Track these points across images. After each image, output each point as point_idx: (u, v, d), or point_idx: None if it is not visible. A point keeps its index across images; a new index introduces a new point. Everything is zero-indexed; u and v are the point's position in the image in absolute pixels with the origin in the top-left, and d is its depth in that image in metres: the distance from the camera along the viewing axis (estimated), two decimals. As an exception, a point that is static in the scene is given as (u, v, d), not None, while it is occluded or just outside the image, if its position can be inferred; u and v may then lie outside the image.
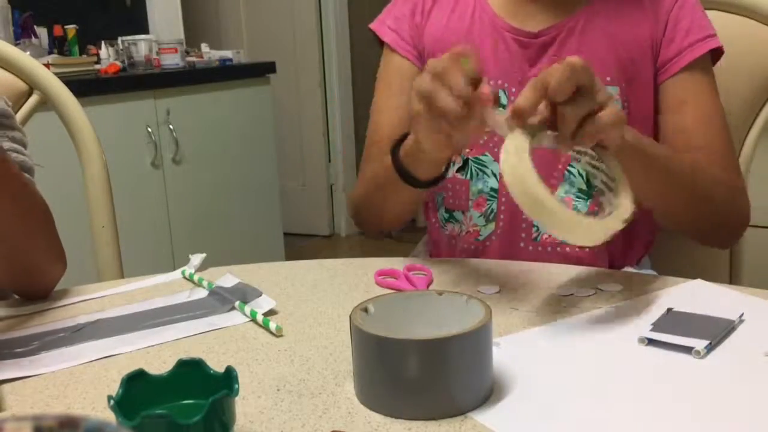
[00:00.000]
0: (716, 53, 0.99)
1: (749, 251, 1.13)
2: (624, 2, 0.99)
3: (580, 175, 0.99)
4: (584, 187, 0.99)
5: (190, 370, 0.55)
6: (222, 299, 0.83)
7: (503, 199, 1.00)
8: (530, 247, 1.00)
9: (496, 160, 1.00)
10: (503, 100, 1.00)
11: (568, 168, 0.99)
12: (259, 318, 0.76)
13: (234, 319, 0.78)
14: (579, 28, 0.99)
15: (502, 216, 1.00)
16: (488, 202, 1.01)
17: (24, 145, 0.95)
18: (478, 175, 1.01)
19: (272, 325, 0.74)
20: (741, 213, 0.97)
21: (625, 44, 0.98)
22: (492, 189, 1.00)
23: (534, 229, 1.00)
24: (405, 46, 1.07)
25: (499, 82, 1.00)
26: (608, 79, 0.97)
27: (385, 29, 1.08)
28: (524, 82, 0.97)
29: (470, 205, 1.02)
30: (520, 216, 1.00)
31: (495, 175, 1.00)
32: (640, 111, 0.99)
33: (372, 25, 1.10)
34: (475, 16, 1.03)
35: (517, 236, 1.00)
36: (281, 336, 0.73)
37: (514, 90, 1.00)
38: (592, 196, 0.98)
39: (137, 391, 0.53)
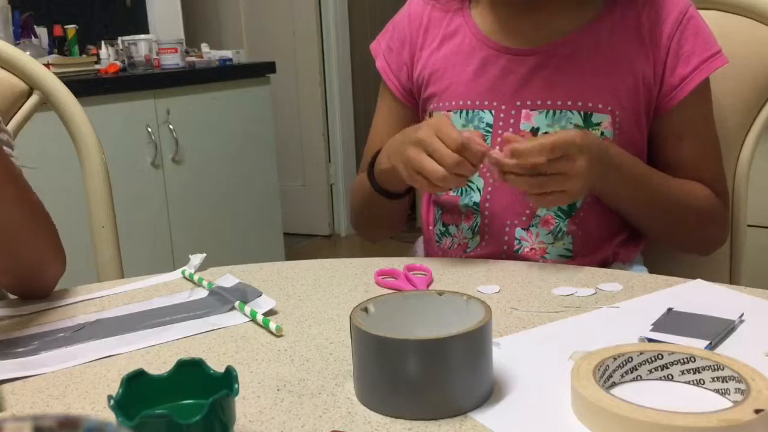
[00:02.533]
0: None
1: (749, 251, 1.13)
2: (622, 27, 0.98)
3: None
4: (565, 207, 0.98)
5: (190, 370, 0.55)
6: (222, 299, 0.83)
7: (486, 213, 1.01)
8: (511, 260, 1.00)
9: (480, 175, 1.01)
10: (489, 120, 1.00)
11: None
12: (259, 318, 0.76)
13: (234, 319, 0.78)
14: (574, 51, 0.98)
15: (486, 229, 1.01)
16: (474, 216, 1.02)
17: (11, 148, 0.95)
18: (465, 190, 1.02)
19: (272, 325, 0.74)
20: (714, 239, 1.05)
21: (621, 71, 0.97)
22: (474, 203, 1.01)
23: (515, 241, 1.00)
24: (391, 77, 1.11)
25: (486, 102, 1.00)
26: (600, 106, 0.97)
27: (380, 54, 1.13)
28: (514, 100, 0.99)
29: (462, 218, 1.03)
30: (502, 229, 1.00)
31: (479, 190, 1.01)
32: (631, 139, 0.99)
33: (372, 46, 1.15)
34: (465, 39, 1.04)
35: (498, 249, 1.00)
36: (281, 336, 0.73)
37: (504, 108, 1.00)
38: (572, 215, 0.99)
39: (137, 391, 0.53)
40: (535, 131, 0.98)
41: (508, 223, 1.00)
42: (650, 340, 0.66)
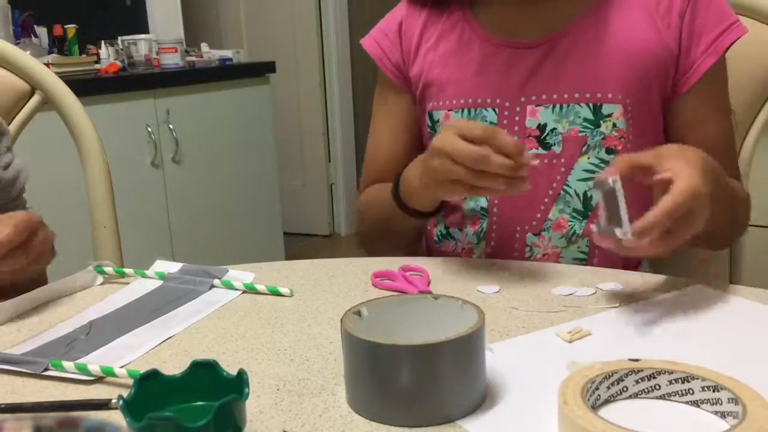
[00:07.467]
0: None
1: (749, 251, 1.13)
2: (628, 8, 0.94)
3: (577, 195, 0.96)
4: (580, 207, 0.96)
5: (204, 372, 0.55)
6: (193, 281, 0.82)
7: (494, 218, 0.98)
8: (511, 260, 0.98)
9: None
10: (493, 118, 0.97)
11: (564, 187, 0.96)
12: (262, 288, 0.76)
13: (228, 295, 0.78)
14: (578, 39, 0.94)
15: (493, 235, 0.98)
16: (480, 221, 0.99)
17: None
18: None
19: (284, 290, 0.73)
20: (744, 223, 0.98)
21: (629, 56, 0.93)
22: (482, 208, 0.98)
23: (527, 248, 0.97)
24: (385, 62, 1.07)
25: (489, 100, 0.98)
26: (609, 95, 0.93)
27: (372, 41, 1.09)
28: (519, 96, 0.96)
29: (467, 223, 1.00)
30: (512, 235, 0.98)
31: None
32: (645, 127, 0.95)
33: (363, 41, 1.11)
34: (464, 35, 1.01)
35: (509, 256, 0.97)
36: (292, 297, 0.73)
37: (507, 105, 0.97)
38: (588, 216, 0.96)
39: (150, 391, 0.53)
40: (541, 127, 0.96)
41: (518, 229, 0.97)
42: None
